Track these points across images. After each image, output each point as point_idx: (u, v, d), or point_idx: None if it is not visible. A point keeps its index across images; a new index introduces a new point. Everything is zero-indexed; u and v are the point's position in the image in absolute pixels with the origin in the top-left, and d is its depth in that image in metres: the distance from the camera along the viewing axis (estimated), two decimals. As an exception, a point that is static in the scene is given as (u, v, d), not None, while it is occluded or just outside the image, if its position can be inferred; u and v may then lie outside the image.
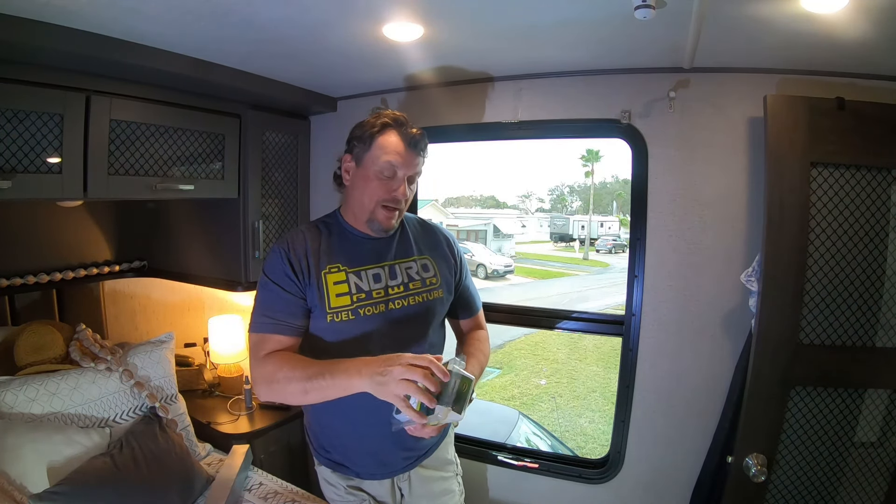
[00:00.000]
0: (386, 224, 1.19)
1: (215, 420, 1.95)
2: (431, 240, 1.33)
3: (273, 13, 1.18)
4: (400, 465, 1.27)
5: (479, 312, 1.43)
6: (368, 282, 1.19)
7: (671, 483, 1.70)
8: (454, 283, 1.34)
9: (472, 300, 1.40)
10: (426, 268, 1.28)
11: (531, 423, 3.71)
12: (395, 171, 1.16)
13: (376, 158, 1.15)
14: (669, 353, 1.66)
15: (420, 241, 1.31)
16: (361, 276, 1.19)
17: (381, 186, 1.16)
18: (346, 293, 1.16)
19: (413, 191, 1.23)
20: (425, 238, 1.33)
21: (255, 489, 1.63)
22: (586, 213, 22.14)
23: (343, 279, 1.17)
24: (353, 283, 1.17)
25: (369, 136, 1.16)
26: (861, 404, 1.31)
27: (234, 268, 1.92)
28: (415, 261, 1.27)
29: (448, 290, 1.30)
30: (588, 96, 1.68)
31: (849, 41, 1.19)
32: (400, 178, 1.17)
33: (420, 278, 1.25)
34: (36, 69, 1.31)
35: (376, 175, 1.16)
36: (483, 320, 1.44)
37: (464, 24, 1.27)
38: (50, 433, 1.43)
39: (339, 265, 1.18)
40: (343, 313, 1.14)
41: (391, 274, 1.22)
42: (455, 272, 1.34)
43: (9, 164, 1.27)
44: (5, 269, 1.78)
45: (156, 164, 1.61)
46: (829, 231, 1.27)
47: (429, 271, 1.28)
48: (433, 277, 1.27)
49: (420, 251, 1.29)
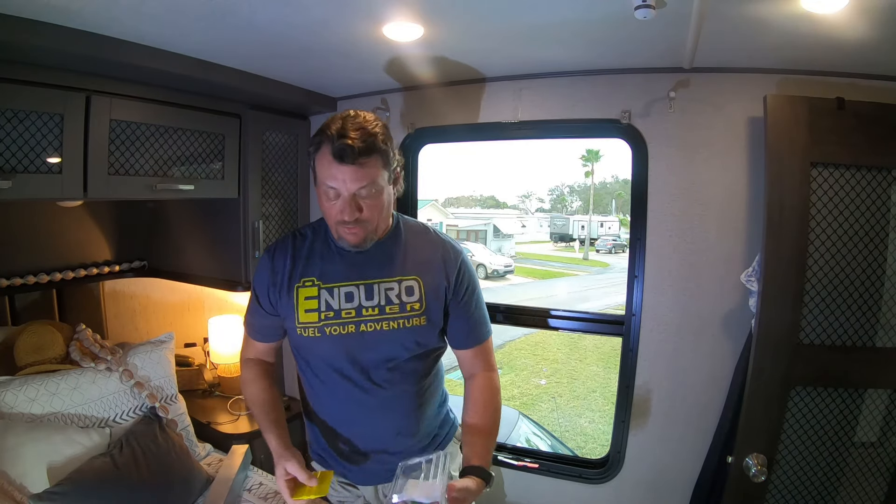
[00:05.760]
0: (353, 241, 1.08)
1: (215, 420, 1.95)
2: (427, 258, 1.17)
3: (273, 13, 1.18)
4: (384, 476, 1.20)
5: (484, 345, 1.22)
6: (339, 300, 1.12)
7: (671, 483, 1.70)
8: (444, 307, 1.17)
9: (475, 327, 1.20)
10: (410, 291, 1.13)
11: (531, 423, 3.71)
12: (336, 191, 1.03)
13: (320, 180, 1.05)
14: (669, 353, 1.66)
15: (412, 258, 1.16)
16: (334, 293, 1.12)
17: (331, 207, 1.05)
18: (315, 309, 1.11)
19: (381, 200, 1.07)
20: (420, 255, 1.17)
21: (254, 489, 1.63)
22: (586, 213, 22.16)
23: (314, 294, 1.12)
24: (323, 299, 1.12)
25: (312, 155, 1.06)
26: (861, 404, 1.31)
27: (234, 268, 1.92)
28: (398, 281, 1.13)
29: (433, 319, 1.15)
30: (588, 96, 1.68)
31: (849, 41, 1.19)
32: (345, 198, 1.02)
33: (399, 302, 1.12)
34: (36, 69, 1.30)
35: (325, 196, 1.06)
36: (491, 357, 1.24)
37: (464, 24, 1.27)
38: (50, 433, 1.42)
39: (313, 279, 1.13)
40: (310, 329, 1.11)
41: (367, 294, 1.12)
42: (446, 296, 1.16)
43: (9, 164, 1.27)
44: (5, 269, 1.77)
45: (156, 164, 1.61)
46: (829, 231, 1.27)
47: (412, 295, 1.13)
48: (416, 303, 1.13)
49: (406, 270, 1.15)
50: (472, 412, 1.18)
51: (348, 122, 1.02)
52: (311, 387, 1.21)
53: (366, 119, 1.04)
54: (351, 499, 1.26)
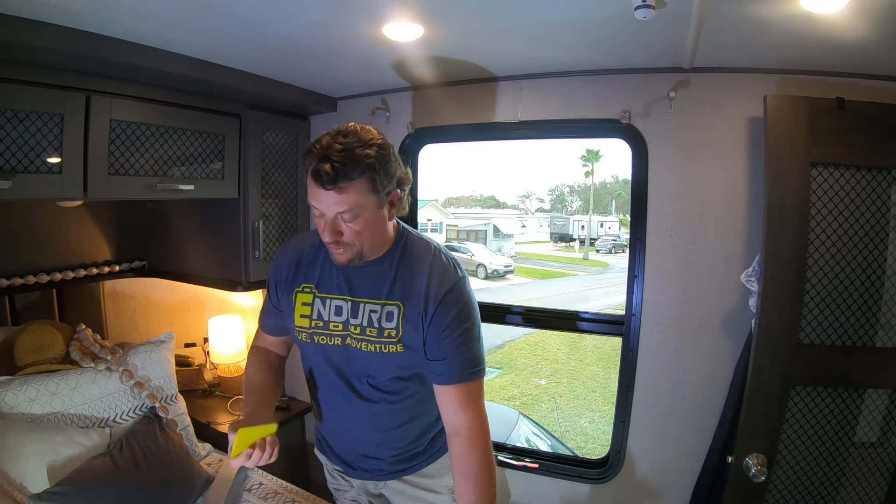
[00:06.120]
0: (339, 261, 1.06)
1: (215, 420, 1.95)
2: (414, 284, 1.09)
3: (273, 13, 1.18)
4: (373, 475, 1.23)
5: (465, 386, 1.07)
6: (330, 312, 1.12)
7: (671, 483, 1.70)
8: (422, 341, 1.08)
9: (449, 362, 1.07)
10: (390, 317, 1.08)
11: (531, 423, 3.71)
12: (319, 211, 1.00)
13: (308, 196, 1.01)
14: (669, 353, 1.66)
15: (400, 282, 1.10)
16: (326, 303, 1.13)
17: (318, 224, 1.03)
18: (308, 316, 1.14)
19: (368, 223, 1.01)
20: (408, 280, 1.10)
21: (255, 489, 1.63)
22: (586, 213, 22.14)
23: (310, 301, 1.14)
24: (316, 308, 1.14)
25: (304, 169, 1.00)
26: (861, 404, 1.32)
27: (234, 268, 1.92)
28: (381, 305, 1.09)
29: (412, 346, 1.08)
30: (588, 96, 1.68)
31: (849, 41, 1.19)
32: (328, 219, 0.99)
33: (378, 327, 1.08)
34: (36, 69, 1.30)
35: (313, 213, 1.03)
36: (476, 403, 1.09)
37: (464, 24, 1.27)
38: (50, 433, 1.43)
39: (311, 286, 1.15)
40: (303, 333, 1.15)
41: (353, 311, 1.11)
42: (423, 327, 1.07)
43: (9, 164, 1.27)
44: (5, 269, 1.77)
45: (156, 164, 1.61)
46: (829, 231, 1.27)
47: (391, 321, 1.08)
48: (392, 329, 1.08)
49: (392, 295, 1.09)
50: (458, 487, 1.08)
51: (337, 139, 0.95)
52: (309, 382, 1.24)
53: (360, 138, 0.96)
54: (345, 487, 1.31)
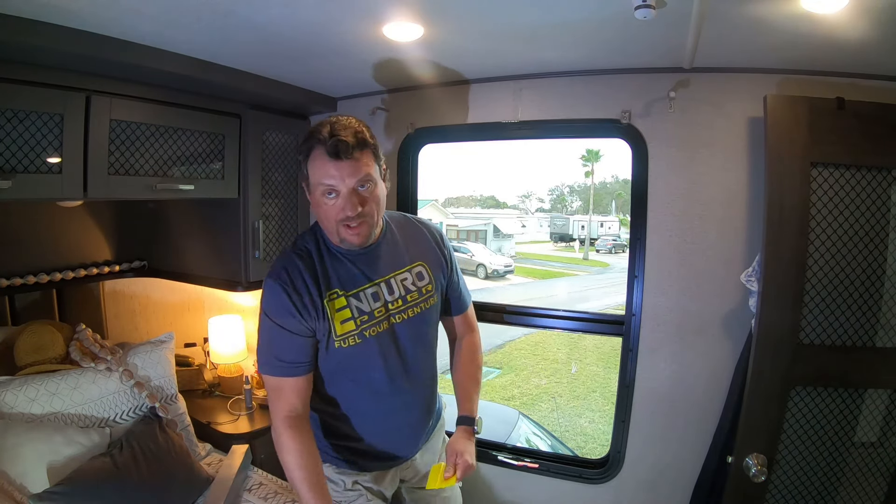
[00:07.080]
0: (356, 241, 1.11)
1: (215, 420, 1.95)
2: (420, 240, 1.29)
3: (273, 13, 1.18)
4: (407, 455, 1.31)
5: (470, 308, 1.40)
6: (368, 302, 1.17)
7: (671, 483, 1.70)
8: (446, 282, 1.31)
9: (462, 295, 1.37)
10: (421, 276, 1.24)
11: (531, 423, 3.71)
12: (335, 189, 1.07)
13: (315, 183, 1.09)
14: (669, 353, 1.66)
15: (410, 245, 1.26)
16: (360, 297, 1.16)
17: (331, 208, 1.08)
18: (350, 318, 1.14)
19: (377, 194, 1.12)
20: (413, 240, 1.28)
21: (255, 489, 1.63)
22: (586, 213, 22.11)
23: (344, 304, 1.15)
24: (353, 306, 1.15)
25: (303, 161, 1.10)
26: (861, 404, 1.31)
27: (234, 268, 1.92)
28: (409, 270, 1.23)
29: (442, 294, 1.29)
30: (588, 96, 1.68)
31: (849, 41, 1.19)
32: (345, 194, 1.06)
33: (416, 288, 1.23)
34: (36, 69, 1.30)
35: (322, 198, 1.09)
36: (473, 318, 1.42)
37: (464, 24, 1.27)
38: (50, 433, 1.43)
39: (337, 290, 1.15)
40: (350, 338, 1.14)
41: (388, 289, 1.20)
42: (446, 271, 1.31)
43: (9, 164, 1.27)
44: (5, 269, 1.77)
45: (156, 164, 1.61)
46: (829, 231, 1.27)
47: (423, 279, 1.25)
48: (428, 285, 1.25)
49: (412, 258, 1.25)
50: (461, 369, 1.35)
51: (336, 124, 1.07)
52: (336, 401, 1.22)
53: (350, 120, 1.10)
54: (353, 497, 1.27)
